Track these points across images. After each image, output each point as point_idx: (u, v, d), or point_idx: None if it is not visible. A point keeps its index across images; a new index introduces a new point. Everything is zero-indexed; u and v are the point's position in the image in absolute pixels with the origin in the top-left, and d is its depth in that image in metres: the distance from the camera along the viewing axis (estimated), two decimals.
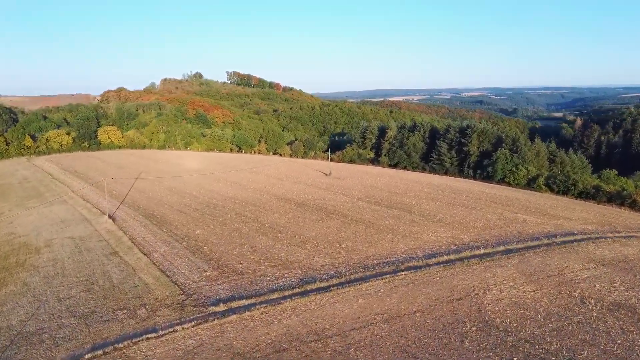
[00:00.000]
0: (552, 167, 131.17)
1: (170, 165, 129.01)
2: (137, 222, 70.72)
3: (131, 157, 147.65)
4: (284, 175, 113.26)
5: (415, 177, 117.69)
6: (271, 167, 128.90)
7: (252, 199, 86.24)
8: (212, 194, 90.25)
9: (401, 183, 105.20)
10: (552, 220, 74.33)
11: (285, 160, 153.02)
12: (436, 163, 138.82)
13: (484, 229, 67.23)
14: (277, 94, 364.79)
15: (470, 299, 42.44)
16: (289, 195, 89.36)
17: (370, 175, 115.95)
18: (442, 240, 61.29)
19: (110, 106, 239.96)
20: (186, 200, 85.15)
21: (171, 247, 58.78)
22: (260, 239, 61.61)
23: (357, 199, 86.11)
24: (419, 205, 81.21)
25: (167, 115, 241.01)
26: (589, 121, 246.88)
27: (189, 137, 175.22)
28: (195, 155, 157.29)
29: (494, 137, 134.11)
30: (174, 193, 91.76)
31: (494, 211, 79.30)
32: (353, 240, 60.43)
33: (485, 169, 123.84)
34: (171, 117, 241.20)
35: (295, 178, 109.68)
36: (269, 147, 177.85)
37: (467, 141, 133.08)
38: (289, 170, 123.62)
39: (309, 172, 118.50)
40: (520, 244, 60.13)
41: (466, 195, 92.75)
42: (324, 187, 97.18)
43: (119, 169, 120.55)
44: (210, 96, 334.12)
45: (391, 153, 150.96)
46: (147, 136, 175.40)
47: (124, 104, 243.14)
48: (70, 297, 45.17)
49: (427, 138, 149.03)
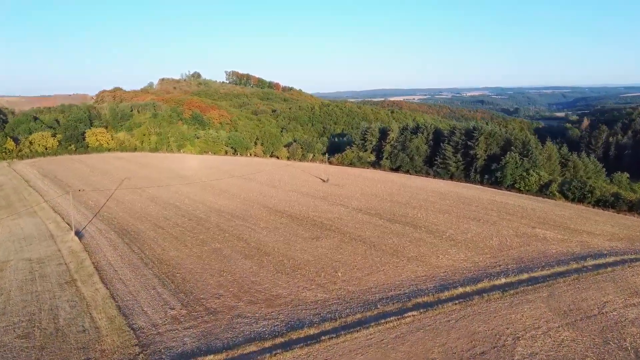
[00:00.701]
0: (564, 172, 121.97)
1: (158, 170, 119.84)
2: (106, 241, 61.63)
3: (118, 161, 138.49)
4: (278, 182, 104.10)
5: (419, 183, 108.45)
6: (265, 173, 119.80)
7: (241, 210, 77.07)
8: (196, 205, 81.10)
9: (404, 191, 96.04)
10: (575, 237, 65.17)
11: (281, 163, 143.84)
12: (441, 167, 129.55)
13: (501, 249, 58.06)
14: (277, 94, 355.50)
15: (497, 353, 33.28)
16: (281, 206, 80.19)
17: (371, 182, 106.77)
18: (454, 264, 52.11)
19: (104, 107, 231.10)
20: (167, 212, 76.05)
21: (138, 274, 49.70)
22: (244, 263, 52.50)
23: (356, 210, 76.92)
24: (426, 219, 72.02)
25: (163, 116, 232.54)
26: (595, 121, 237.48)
27: (182, 139, 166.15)
28: (186, 158, 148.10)
29: (503, 139, 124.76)
30: (155, 203, 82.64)
31: (509, 225, 70.11)
32: (351, 265, 51.24)
33: (494, 174, 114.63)
34: (166, 118, 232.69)
35: (290, 185, 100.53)
36: (266, 149, 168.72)
37: (474, 144, 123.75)
38: (284, 175, 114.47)
39: (305, 178, 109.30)
40: (545, 269, 50.92)
41: (476, 205, 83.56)
42: (321, 196, 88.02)
43: (103, 175, 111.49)
44: (209, 96, 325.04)
45: (393, 156, 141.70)
46: (139, 138, 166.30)
47: (118, 105, 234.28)
48: (1, 346, 36.19)
49: (431, 140, 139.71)
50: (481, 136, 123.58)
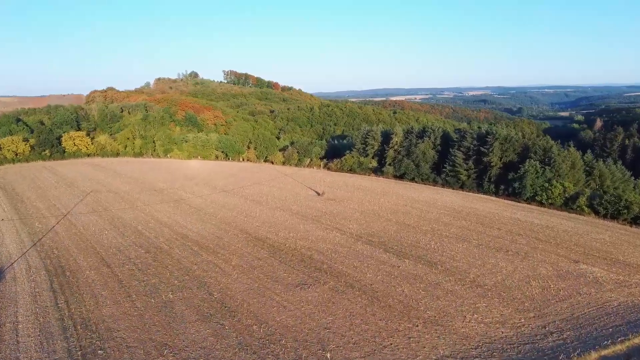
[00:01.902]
0: (589, 182, 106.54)
1: (132, 181, 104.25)
2: (29, 287, 46.42)
3: (92, 169, 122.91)
4: (265, 196, 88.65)
5: (428, 196, 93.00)
6: (253, 182, 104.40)
7: (213, 238, 61.71)
8: (162, 230, 65.76)
9: (412, 207, 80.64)
10: (633, 275, 49.88)
11: (273, 171, 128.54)
12: (450, 175, 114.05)
13: (545, 302, 42.71)
14: (275, 94, 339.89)
15: None
16: (263, 231, 64.76)
17: (373, 195, 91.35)
18: (488, 332, 36.80)
19: (92, 107, 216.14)
20: (123, 241, 60.80)
21: (45, 350, 34.54)
22: (198, 329, 37.24)
23: (355, 238, 61.52)
24: (442, 250, 56.66)
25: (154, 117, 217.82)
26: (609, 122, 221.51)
27: (169, 143, 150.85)
28: (169, 165, 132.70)
29: (520, 145, 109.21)
30: (113, 227, 67.35)
31: (546, 258, 54.75)
32: (345, 337, 35.78)
33: (511, 184, 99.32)
34: (158, 120, 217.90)
35: (278, 200, 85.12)
36: (259, 153, 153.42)
37: (488, 150, 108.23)
38: (273, 187, 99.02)
39: (297, 191, 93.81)
40: (617, 342, 35.58)
41: (498, 228, 68.16)
42: (313, 217, 72.61)
43: (67, 188, 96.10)
44: (205, 96, 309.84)
45: (397, 162, 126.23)
46: (122, 142, 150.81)
47: (107, 105, 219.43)
48: None
49: (439, 145, 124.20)
50: (496, 141, 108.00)
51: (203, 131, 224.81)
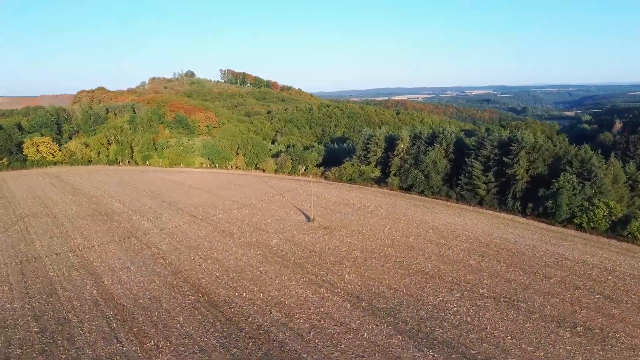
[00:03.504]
0: (635, 198, 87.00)
1: (84, 201, 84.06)
2: None
3: (49, 183, 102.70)
4: (240, 223, 68.81)
5: (444, 220, 73.18)
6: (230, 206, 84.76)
7: (147, 301, 42.05)
8: (83, 285, 45.89)
9: (426, 239, 60.94)
10: None
11: (262, 182, 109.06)
12: (466, 189, 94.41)
13: None
14: (274, 93, 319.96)
15: None
16: (222, 288, 44.94)
17: (377, 219, 71.62)
18: None
19: (75, 109, 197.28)
20: (23, 307, 41.40)
21: None
22: None
23: (352, 302, 41.73)
24: (480, 327, 37.02)
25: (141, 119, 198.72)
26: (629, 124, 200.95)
27: (147, 150, 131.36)
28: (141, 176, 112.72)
29: (551, 155, 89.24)
30: (20, 276, 47.95)
31: (637, 341, 35.29)
32: None
33: (542, 203, 79.86)
34: (145, 122, 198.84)
35: (255, 231, 65.30)
36: (249, 160, 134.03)
37: (512, 160, 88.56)
38: (254, 209, 79.21)
39: (283, 215, 73.82)
40: None
41: (544, 274, 48.58)
42: (296, 260, 52.97)
43: (1, 209, 77.02)
44: (201, 96, 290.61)
45: (403, 172, 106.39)
46: (95, 148, 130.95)
47: (91, 107, 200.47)
48: None
49: (452, 153, 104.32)
50: (522, 150, 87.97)
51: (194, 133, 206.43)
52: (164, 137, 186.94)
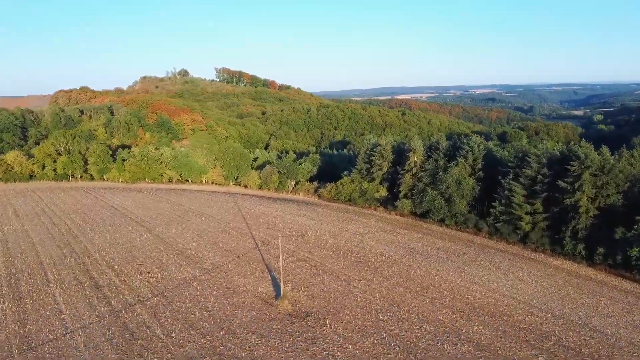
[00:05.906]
0: None
1: None
2: None
3: None
4: (163, 304, 42.30)
5: (486, 283, 46.68)
6: (163, 264, 58.16)
7: None
8: None
9: (461, 321, 34.71)
10: None
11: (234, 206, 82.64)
12: (502, 220, 68.02)
13: None
14: (271, 93, 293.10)
15: None
16: None
17: (390, 286, 45.21)
18: None
19: (44, 110, 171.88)
20: None
21: None
22: None
23: None
24: None
25: (119, 122, 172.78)
26: None
27: (105, 162, 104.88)
28: (74, 204, 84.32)
29: (627, 178, 62.30)
30: None
31: None
32: None
33: (621, 250, 53.91)
34: (123, 125, 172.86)
35: (179, 326, 38.85)
36: (228, 174, 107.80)
37: (571, 185, 61.87)
38: (200, 267, 52.16)
39: (237, 286, 46.33)
40: None
41: None
42: None
43: None
44: (193, 96, 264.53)
45: (417, 194, 79.75)
46: (40, 160, 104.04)
47: (63, 109, 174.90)
48: None
49: (481, 170, 77.48)
50: (585, 171, 60.95)
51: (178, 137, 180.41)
52: (144, 142, 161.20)
